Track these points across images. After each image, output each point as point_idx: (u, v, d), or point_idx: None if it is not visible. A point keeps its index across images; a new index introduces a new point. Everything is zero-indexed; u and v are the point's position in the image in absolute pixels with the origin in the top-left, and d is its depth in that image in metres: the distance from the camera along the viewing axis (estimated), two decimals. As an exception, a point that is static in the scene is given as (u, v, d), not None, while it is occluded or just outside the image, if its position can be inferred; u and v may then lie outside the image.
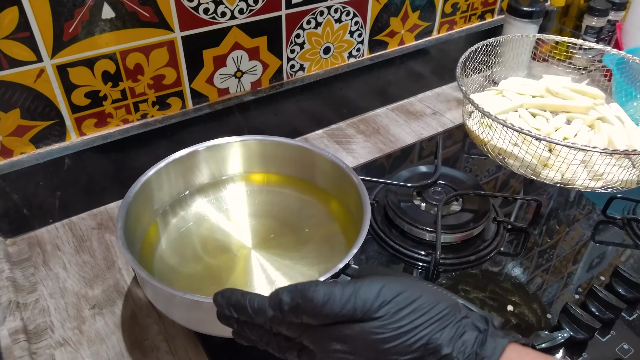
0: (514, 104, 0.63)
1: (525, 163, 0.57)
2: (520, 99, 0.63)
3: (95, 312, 0.63)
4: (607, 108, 0.65)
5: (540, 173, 0.56)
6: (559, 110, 0.62)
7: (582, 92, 0.65)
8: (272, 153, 0.72)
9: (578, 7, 1.11)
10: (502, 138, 0.67)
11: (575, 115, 0.62)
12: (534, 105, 0.63)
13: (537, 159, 0.57)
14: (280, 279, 0.62)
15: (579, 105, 0.62)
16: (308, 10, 0.82)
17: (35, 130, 0.69)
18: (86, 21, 0.65)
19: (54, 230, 0.74)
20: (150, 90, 0.75)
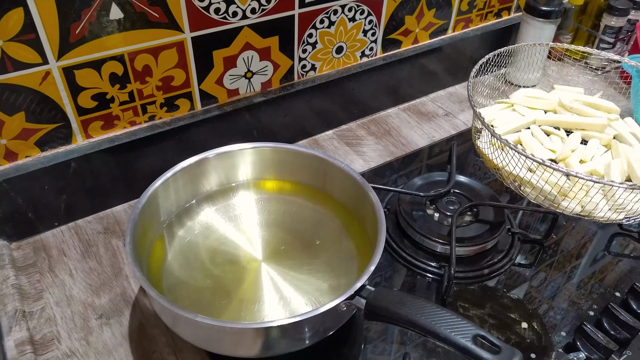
0: (526, 120, 0.59)
1: (543, 193, 0.53)
2: (533, 115, 0.59)
3: (103, 322, 0.62)
4: (622, 124, 0.61)
5: (560, 204, 0.53)
6: (574, 127, 0.59)
7: (595, 105, 0.61)
8: (283, 160, 0.70)
9: (597, 6, 1.08)
10: (516, 163, 0.62)
11: (591, 133, 0.58)
12: (548, 123, 0.59)
13: (557, 189, 0.54)
14: (292, 293, 0.60)
15: (595, 122, 0.58)
16: (322, 9, 0.80)
17: (41, 134, 0.67)
18: (93, 22, 0.62)
19: (59, 234, 0.72)
20: (159, 92, 0.73)
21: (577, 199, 0.50)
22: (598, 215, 0.51)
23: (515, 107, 0.61)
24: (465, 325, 0.45)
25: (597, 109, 0.60)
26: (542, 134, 0.58)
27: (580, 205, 0.51)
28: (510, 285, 0.68)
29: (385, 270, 0.70)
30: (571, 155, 0.55)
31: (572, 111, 0.59)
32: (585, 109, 0.59)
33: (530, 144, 0.56)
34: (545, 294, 0.67)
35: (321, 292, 0.62)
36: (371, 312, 0.51)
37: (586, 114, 0.59)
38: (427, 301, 0.48)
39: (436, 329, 0.46)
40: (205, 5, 0.68)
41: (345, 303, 0.52)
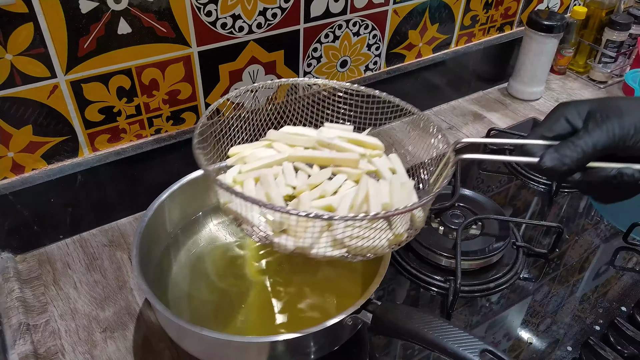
0: (277, 157, 0.57)
1: (261, 230, 0.50)
2: (288, 152, 0.58)
3: (107, 336, 0.62)
4: (384, 160, 0.60)
5: (274, 240, 0.49)
6: (327, 163, 0.57)
7: (361, 142, 0.60)
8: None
9: (599, 20, 1.09)
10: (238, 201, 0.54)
11: (344, 169, 0.56)
12: (300, 159, 0.57)
13: (272, 225, 0.49)
14: (297, 307, 0.60)
15: (347, 158, 0.56)
16: (326, 24, 0.80)
17: (48, 146, 0.67)
18: (102, 37, 0.63)
19: (64, 246, 0.72)
20: (165, 106, 0.73)
21: (295, 235, 0.48)
22: (312, 252, 0.48)
23: (274, 144, 0.60)
24: (472, 340, 0.45)
25: (363, 146, 0.60)
26: (291, 170, 0.56)
27: (296, 241, 0.48)
28: (514, 299, 0.68)
29: (389, 284, 0.70)
30: (306, 191, 0.53)
31: (331, 147, 0.58)
32: (346, 146, 0.58)
33: (267, 180, 0.53)
34: (549, 308, 0.67)
35: (326, 306, 0.61)
36: (377, 326, 0.51)
37: (344, 150, 0.58)
38: (433, 315, 0.48)
39: (444, 343, 0.45)
40: (212, 20, 0.69)
41: (352, 317, 0.52)
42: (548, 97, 1.09)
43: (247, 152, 0.60)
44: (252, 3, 0.71)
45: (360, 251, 0.49)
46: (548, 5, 1.12)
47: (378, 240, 0.49)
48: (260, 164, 0.57)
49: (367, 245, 0.49)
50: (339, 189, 0.55)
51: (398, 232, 0.50)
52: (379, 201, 0.52)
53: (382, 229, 0.49)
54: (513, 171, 0.89)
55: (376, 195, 0.53)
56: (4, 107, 0.62)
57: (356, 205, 0.52)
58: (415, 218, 0.53)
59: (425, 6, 0.90)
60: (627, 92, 1.10)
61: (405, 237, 0.52)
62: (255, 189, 0.55)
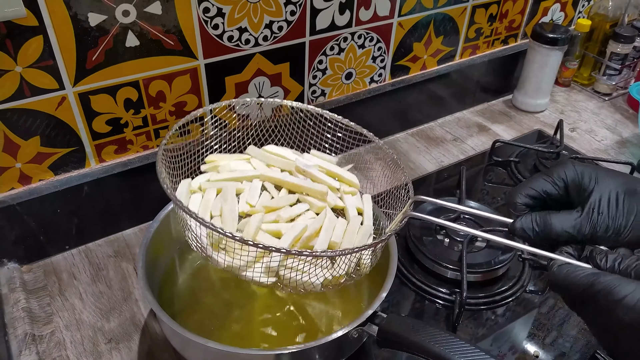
0: (248, 173, 0.57)
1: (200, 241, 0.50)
2: (261, 170, 0.58)
3: (112, 347, 0.62)
4: (356, 199, 0.60)
5: (211, 255, 0.48)
6: (296, 190, 0.56)
7: (339, 177, 0.60)
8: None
9: (603, 33, 1.09)
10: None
11: (310, 199, 0.56)
12: (270, 179, 0.57)
13: (210, 240, 0.49)
14: (303, 319, 0.60)
15: (314, 188, 0.56)
16: (332, 37, 0.81)
17: (55, 157, 0.68)
18: (110, 49, 0.64)
19: (70, 257, 0.73)
20: (172, 117, 0.74)
21: (231, 255, 0.47)
22: (247, 275, 0.48)
23: (251, 160, 0.60)
24: (479, 354, 0.45)
25: (340, 180, 0.60)
26: (257, 189, 0.56)
27: (229, 261, 0.47)
28: (520, 312, 0.68)
29: (394, 296, 0.69)
30: (260, 212, 0.53)
31: (306, 175, 0.58)
32: (321, 176, 0.58)
33: (227, 193, 0.53)
34: (555, 321, 0.66)
35: (331, 318, 0.61)
36: (383, 339, 0.51)
37: (318, 180, 0.58)
38: (439, 328, 0.48)
39: (450, 357, 0.45)
40: (219, 33, 0.70)
41: (357, 330, 0.51)
42: (553, 109, 1.10)
43: (223, 162, 0.60)
44: (258, 16, 0.72)
45: (291, 283, 0.49)
46: (552, 18, 1.12)
47: (314, 277, 0.49)
48: (230, 176, 0.58)
49: (300, 279, 0.48)
50: (297, 217, 0.55)
51: (337, 274, 0.50)
52: (327, 238, 0.52)
53: (322, 266, 0.49)
54: (518, 182, 0.89)
55: (327, 231, 0.53)
56: (13, 118, 0.62)
57: (302, 238, 0.52)
58: (362, 262, 0.53)
59: (430, 19, 0.91)
60: (632, 104, 1.10)
61: (344, 280, 0.52)
62: (214, 199, 0.55)
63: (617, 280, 0.37)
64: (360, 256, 0.53)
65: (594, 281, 0.38)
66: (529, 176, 0.89)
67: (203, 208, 0.55)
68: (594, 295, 0.38)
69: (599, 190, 0.43)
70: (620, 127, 1.05)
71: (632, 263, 0.38)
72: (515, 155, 0.94)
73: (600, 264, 0.40)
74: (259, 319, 0.62)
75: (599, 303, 0.37)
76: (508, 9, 1.02)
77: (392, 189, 0.62)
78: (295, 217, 0.55)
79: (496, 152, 0.94)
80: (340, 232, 0.54)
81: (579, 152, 0.95)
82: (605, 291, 0.37)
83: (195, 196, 0.57)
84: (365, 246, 0.48)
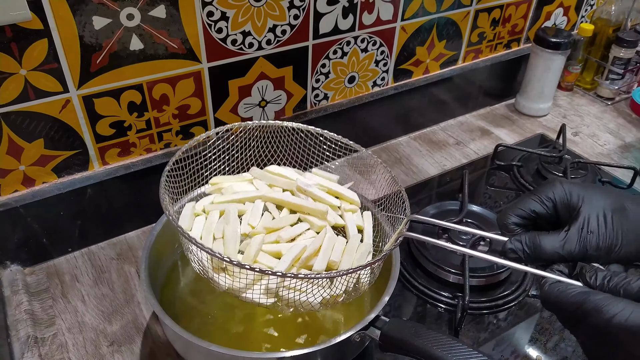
0: (251, 194, 0.59)
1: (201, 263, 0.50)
2: (264, 191, 0.59)
3: (114, 350, 0.62)
4: (356, 216, 0.61)
5: (213, 276, 0.50)
6: (297, 209, 0.58)
7: (340, 195, 0.61)
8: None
9: (606, 37, 1.09)
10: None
11: (310, 218, 0.58)
12: (272, 200, 0.58)
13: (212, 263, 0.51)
14: (305, 322, 0.60)
15: (315, 208, 0.57)
16: (335, 40, 0.81)
17: (58, 160, 0.68)
18: (114, 52, 0.64)
19: (72, 259, 0.73)
20: (175, 120, 0.74)
21: (232, 276, 0.49)
22: (247, 296, 0.49)
23: (254, 181, 0.62)
24: (482, 358, 0.44)
25: (340, 198, 0.62)
26: (259, 209, 0.58)
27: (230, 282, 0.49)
28: (522, 316, 0.67)
29: (396, 300, 0.69)
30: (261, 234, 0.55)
31: (307, 194, 0.60)
32: (322, 195, 0.59)
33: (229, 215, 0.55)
34: (557, 325, 0.66)
35: (334, 320, 0.61)
36: (385, 343, 0.51)
37: (319, 198, 0.59)
38: (442, 333, 0.48)
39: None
40: (222, 36, 0.70)
41: (360, 334, 0.51)
42: (555, 114, 1.10)
43: (226, 184, 0.62)
44: (262, 20, 0.72)
45: (290, 304, 0.50)
46: (555, 22, 1.12)
47: (312, 297, 0.50)
48: (232, 197, 0.60)
49: (299, 299, 0.50)
50: (298, 237, 0.56)
51: (335, 293, 0.51)
52: (326, 257, 0.53)
53: (320, 285, 0.50)
54: (521, 187, 0.89)
55: (326, 250, 0.54)
56: (17, 121, 0.62)
57: (302, 258, 0.53)
58: (360, 281, 0.54)
59: (432, 23, 0.91)
60: (635, 108, 1.10)
61: (342, 299, 0.52)
62: (217, 222, 0.57)
63: (607, 299, 0.38)
64: (358, 275, 0.54)
65: (584, 300, 0.38)
66: (531, 180, 0.89)
67: (206, 231, 0.57)
68: (585, 314, 0.38)
69: (588, 210, 0.43)
70: (623, 131, 1.05)
71: (621, 281, 0.39)
72: (518, 159, 0.94)
73: (590, 282, 0.40)
74: (261, 320, 0.62)
75: (590, 322, 0.38)
76: (511, 13, 1.02)
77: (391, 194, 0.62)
78: (295, 236, 0.56)
79: (499, 156, 0.94)
80: (339, 251, 0.55)
81: (581, 157, 0.95)
82: (595, 310, 0.37)
83: (199, 218, 0.58)
84: (360, 267, 0.48)
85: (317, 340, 0.59)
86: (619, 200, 0.43)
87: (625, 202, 0.43)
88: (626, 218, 0.42)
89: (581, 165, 0.90)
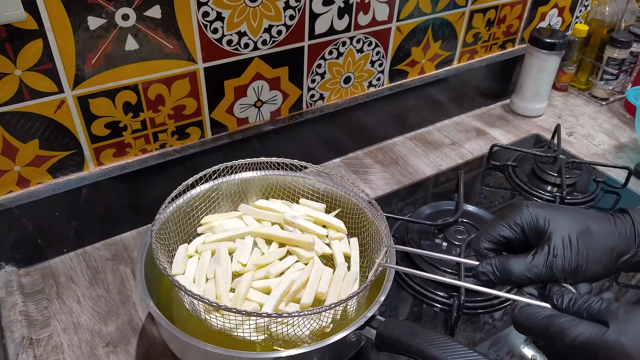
0: (241, 231, 0.62)
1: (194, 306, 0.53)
2: (253, 227, 0.62)
3: (109, 351, 0.62)
4: (343, 244, 0.63)
5: (205, 318, 0.52)
6: (286, 242, 0.61)
7: (325, 223, 0.65)
8: (292, 187, 0.71)
9: (600, 38, 1.10)
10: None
11: (298, 250, 0.60)
12: (261, 235, 0.61)
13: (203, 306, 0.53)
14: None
15: (302, 240, 0.60)
16: (331, 41, 0.81)
17: (53, 161, 0.68)
18: (109, 53, 0.64)
19: (67, 260, 0.72)
20: (170, 120, 0.74)
21: (223, 317, 0.51)
22: (238, 334, 0.51)
23: (243, 217, 0.65)
24: (477, 357, 0.45)
25: (328, 227, 0.65)
26: (249, 246, 0.61)
27: (222, 323, 0.51)
28: (520, 316, 0.68)
29: (392, 299, 0.69)
30: (250, 270, 0.58)
31: (295, 226, 0.62)
32: (309, 226, 0.62)
33: (220, 255, 0.58)
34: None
35: (330, 322, 0.61)
36: (381, 343, 0.51)
37: (306, 230, 0.62)
38: (438, 332, 0.48)
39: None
40: (218, 37, 0.70)
41: (355, 333, 0.51)
42: (550, 114, 1.10)
43: (217, 222, 0.65)
44: (257, 20, 0.72)
45: (281, 338, 0.52)
46: (550, 23, 1.13)
47: (300, 330, 0.52)
48: (223, 236, 0.63)
49: (289, 333, 0.52)
50: (287, 270, 0.60)
51: (324, 324, 0.53)
52: (313, 290, 0.57)
53: (309, 318, 0.51)
54: (516, 187, 0.90)
55: (313, 283, 0.57)
56: (12, 121, 0.62)
57: (290, 292, 0.56)
58: (347, 309, 0.57)
59: (428, 24, 0.91)
60: (629, 109, 1.10)
61: (330, 330, 0.54)
62: (209, 262, 0.60)
63: (570, 321, 0.40)
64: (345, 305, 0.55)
65: (549, 323, 0.40)
66: (526, 180, 0.89)
67: (199, 272, 0.60)
68: (551, 337, 0.40)
69: (554, 233, 0.45)
70: (618, 131, 1.05)
71: (584, 304, 0.41)
72: (513, 159, 0.94)
73: (557, 304, 0.42)
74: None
75: (555, 344, 0.40)
76: (506, 14, 1.02)
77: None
78: (284, 270, 0.59)
79: (494, 156, 0.95)
80: (326, 282, 0.58)
81: (576, 157, 0.96)
82: (559, 333, 0.40)
83: (192, 260, 0.61)
84: (341, 301, 0.50)
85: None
86: (584, 222, 0.45)
87: (590, 224, 0.45)
88: (591, 240, 0.45)
89: (576, 165, 0.90)
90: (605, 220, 0.46)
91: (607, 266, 0.45)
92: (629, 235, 0.45)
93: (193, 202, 0.65)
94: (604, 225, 0.45)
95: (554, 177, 0.88)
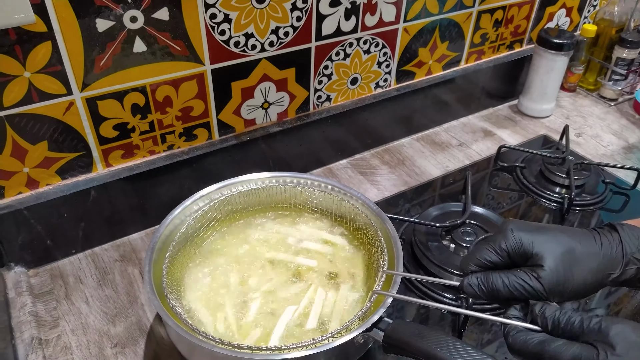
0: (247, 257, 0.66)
1: None
2: (260, 252, 0.67)
3: (118, 351, 0.62)
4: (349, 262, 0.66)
5: None
6: (291, 266, 0.65)
7: (331, 243, 0.68)
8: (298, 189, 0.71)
9: (609, 38, 1.09)
10: None
11: (304, 274, 0.64)
12: (267, 260, 0.66)
13: None
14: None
15: (306, 264, 0.65)
16: (337, 42, 0.81)
17: (62, 162, 0.68)
18: (118, 55, 0.64)
19: (76, 261, 0.73)
20: (178, 122, 0.74)
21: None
22: None
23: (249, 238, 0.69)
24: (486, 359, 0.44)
25: (333, 246, 0.68)
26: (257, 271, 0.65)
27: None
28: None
29: (399, 301, 0.69)
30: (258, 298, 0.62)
31: (300, 250, 0.67)
32: (315, 247, 0.67)
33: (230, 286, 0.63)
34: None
35: (337, 323, 0.61)
36: (389, 345, 0.51)
37: (313, 251, 0.67)
38: (446, 334, 0.48)
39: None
40: (225, 39, 0.70)
41: (363, 335, 0.51)
42: (558, 115, 1.09)
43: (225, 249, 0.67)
44: (264, 22, 0.72)
45: None
46: (558, 23, 1.12)
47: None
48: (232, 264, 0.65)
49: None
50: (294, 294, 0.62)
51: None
52: (317, 314, 0.59)
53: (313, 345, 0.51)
54: (524, 188, 0.89)
55: (317, 308, 0.60)
56: (21, 123, 0.63)
57: (294, 318, 0.59)
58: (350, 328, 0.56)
59: (435, 24, 0.91)
60: (638, 109, 1.09)
61: None
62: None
63: (561, 346, 0.41)
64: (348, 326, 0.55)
65: (542, 349, 0.41)
66: (534, 181, 0.89)
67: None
68: None
69: (538, 256, 0.45)
70: (627, 132, 1.05)
71: (567, 325, 0.42)
72: (521, 160, 0.94)
73: (539, 324, 0.43)
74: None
75: None
76: (513, 14, 1.02)
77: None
78: (290, 296, 0.62)
79: (502, 157, 0.94)
80: (330, 304, 0.61)
81: (584, 158, 0.95)
82: (553, 358, 0.41)
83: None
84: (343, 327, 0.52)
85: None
86: (568, 243, 0.46)
87: (574, 245, 0.46)
88: (575, 261, 0.45)
89: (584, 166, 0.90)
90: (591, 240, 0.46)
91: (592, 285, 0.45)
92: (615, 255, 0.45)
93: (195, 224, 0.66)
94: (588, 245, 0.46)
95: (563, 178, 0.88)
